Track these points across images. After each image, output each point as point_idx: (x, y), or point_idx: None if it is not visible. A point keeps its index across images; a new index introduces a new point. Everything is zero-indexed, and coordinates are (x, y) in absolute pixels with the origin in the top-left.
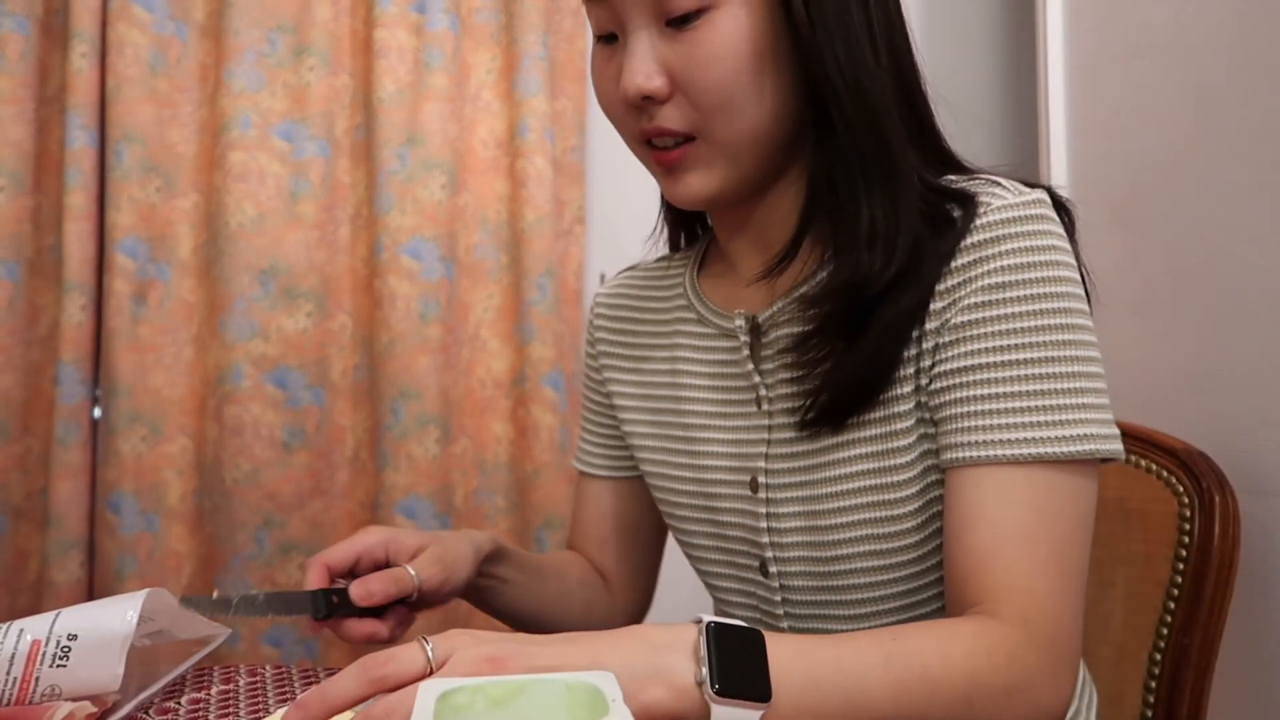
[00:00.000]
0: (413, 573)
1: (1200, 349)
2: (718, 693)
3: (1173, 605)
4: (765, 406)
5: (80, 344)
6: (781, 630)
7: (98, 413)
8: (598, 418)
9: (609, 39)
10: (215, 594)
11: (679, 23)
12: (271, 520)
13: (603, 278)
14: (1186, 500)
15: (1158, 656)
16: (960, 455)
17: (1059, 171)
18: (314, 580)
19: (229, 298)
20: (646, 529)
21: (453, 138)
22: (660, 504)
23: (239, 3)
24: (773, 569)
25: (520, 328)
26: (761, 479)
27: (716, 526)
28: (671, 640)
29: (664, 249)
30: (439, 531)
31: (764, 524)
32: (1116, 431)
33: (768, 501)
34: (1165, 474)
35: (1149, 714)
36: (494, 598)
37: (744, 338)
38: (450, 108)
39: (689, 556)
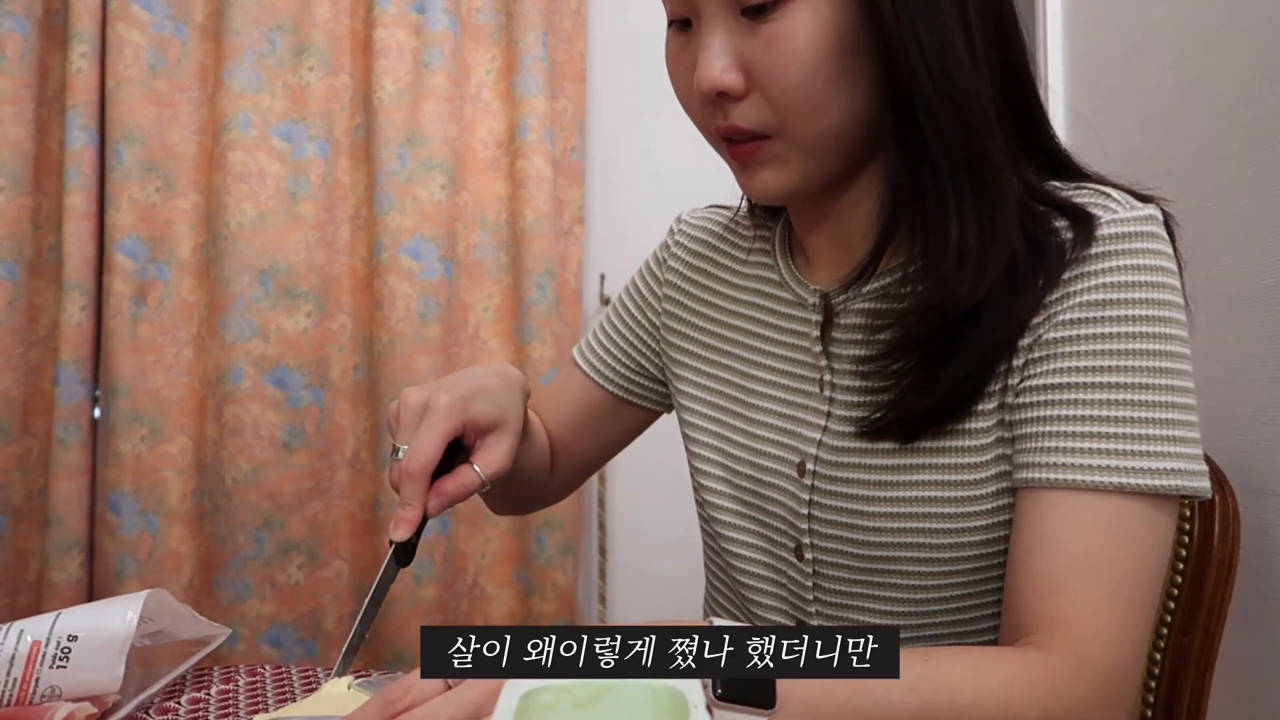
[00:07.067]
0: (478, 470)
1: (1200, 349)
2: (719, 697)
3: (1173, 605)
4: (827, 392)
5: (80, 344)
6: (810, 617)
7: (98, 413)
8: (629, 335)
9: (683, 24)
10: (334, 670)
11: (755, 12)
12: (271, 520)
13: (603, 278)
14: (1186, 500)
15: (1158, 656)
16: (1036, 476)
17: None
18: (406, 532)
19: (229, 298)
20: (604, 444)
21: (452, 138)
22: (696, 460)
23: (239, 3)
24: (808, 555)
25: (520, 328)
26: (810, 465)
27: (759, 499)
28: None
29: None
30: (502, 404)
31: (805, 510)
32: (1205, 469)
33: (813, 489)
34: None
35: (1149, 714)
36: None
37: (816, 316)
38: (450, 108)
39: (714, 534)
